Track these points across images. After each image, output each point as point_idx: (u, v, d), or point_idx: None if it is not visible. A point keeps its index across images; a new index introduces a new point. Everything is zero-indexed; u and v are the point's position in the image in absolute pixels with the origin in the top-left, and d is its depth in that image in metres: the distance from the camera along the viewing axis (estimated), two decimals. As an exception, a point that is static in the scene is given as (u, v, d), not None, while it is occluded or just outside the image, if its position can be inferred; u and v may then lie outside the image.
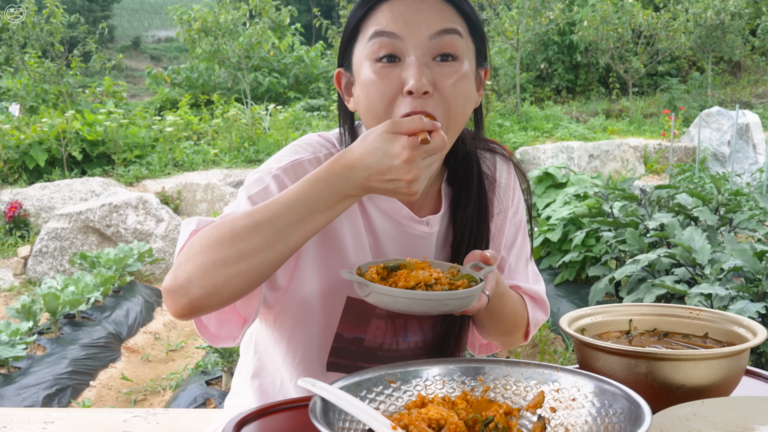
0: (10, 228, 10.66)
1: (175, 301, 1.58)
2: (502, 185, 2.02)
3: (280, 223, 1.54)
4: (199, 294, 1.56)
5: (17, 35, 15.24)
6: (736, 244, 5.40)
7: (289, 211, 1.54)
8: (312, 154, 1.83)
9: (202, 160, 13.13)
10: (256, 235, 1.54)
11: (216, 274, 1.55)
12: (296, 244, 1.57)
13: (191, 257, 1.58)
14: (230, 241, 1.55)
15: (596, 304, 6.27)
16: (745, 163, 14.16)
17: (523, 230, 2.09)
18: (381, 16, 1.69)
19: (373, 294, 1.56)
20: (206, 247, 1.57)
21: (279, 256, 1.56)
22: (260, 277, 1.58)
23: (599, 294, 6.10)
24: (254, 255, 1.54)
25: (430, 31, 1.67)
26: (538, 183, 9.00)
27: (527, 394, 1.56)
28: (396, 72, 1.67)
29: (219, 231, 1.57)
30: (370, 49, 1.69)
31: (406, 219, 1.88)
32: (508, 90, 19.80)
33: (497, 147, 2.06)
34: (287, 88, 19.70)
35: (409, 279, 1.58)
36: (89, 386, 6.05)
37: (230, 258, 1.54)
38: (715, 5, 18.80)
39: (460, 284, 1.60)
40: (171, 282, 1.59)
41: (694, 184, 11.00)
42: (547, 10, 16.77)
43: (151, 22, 55.65)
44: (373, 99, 1.69)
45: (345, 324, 1.87)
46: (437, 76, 1.68)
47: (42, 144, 12.61)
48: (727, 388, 1.58)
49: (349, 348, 1.89)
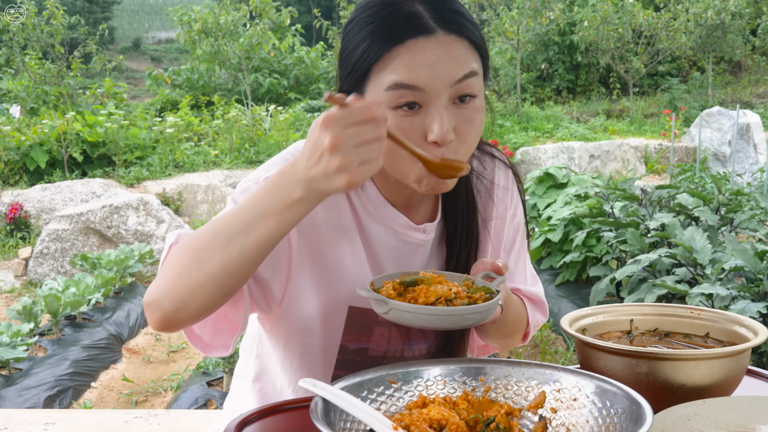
0: (11, 229, 10.66)
1: (150, 315, 1.59)
2: (500, 188, 2.02)
3: (233, 230, 1.51)
4: (169, 308, 1.56)
5: (18, 37, 15.24)
6: (737, 244, 5.40)
7: (240, 216, 1.51)
8: None
9: (202, 161, 13.13)
10: (213, 245, 1.52)
11: (181, 287, 1.54)
12: (251, 254, 1.51)
13: (163, 272, 1.58)
14: (192, 252, 1.54)
15: (597, 305, 6.28)
16: (745, 162, 14.16)
17: (522, 233, 2.08)
18: (401, 66, 1.62)
19: (393, 311, 1.55)
20: (174, 261, 1.57)
21: (236, 266, 1.52)
22: (223, 290, 1.55)
23: (600, 294, 6.10)
24: (212, 265, 1.52)
25: (452, 80, 1.63)
26: (538, 183, 9.00)
27: (528, 395, 1.56)
28: (418, 121, 1.64)
29: (185, 242, 1.57)
30: (389, 98, 1.63)
31: (403, 227, 1.86)
32: (508, 90, 19.79)
33: (495, 150, 2.05)
34: (288, 89, 19.71)
35: (429, 294, 1.57)
36: (90, 387, 6.05)
37: (192, 269, 1.53)
38: (715, 5, 18.80)
39: (477, 297, 1.60)
40: (146, 296, 1.59)
41: (695, 184, 11.00)
42: (548, 11, 16.78)
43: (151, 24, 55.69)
44: (396, 152, 1.64)
45: (348, 335, 1.86)
46: (458, 120, 1.66)
47: (43, 145, 12.61)
48: (729, 387, 1.58)
49: (354, 359, 1.88)
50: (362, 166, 1.42)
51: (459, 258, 1.92)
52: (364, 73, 1.66)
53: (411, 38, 1.62)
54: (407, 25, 1.63)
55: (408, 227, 1.87)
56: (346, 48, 1.71)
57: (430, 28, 1.63)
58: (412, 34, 1.62)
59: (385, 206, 1.85)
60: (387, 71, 1.63)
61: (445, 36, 1.64)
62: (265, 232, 1.49)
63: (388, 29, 1.63)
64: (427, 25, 1.63)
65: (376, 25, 1.65)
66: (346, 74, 1.71)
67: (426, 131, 1.64)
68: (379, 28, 1.65)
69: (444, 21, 1.65)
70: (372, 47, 1.64)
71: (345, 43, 1.72)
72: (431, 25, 1.64)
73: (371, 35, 1.65)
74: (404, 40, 1.62)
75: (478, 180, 1.99)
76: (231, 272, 1.52)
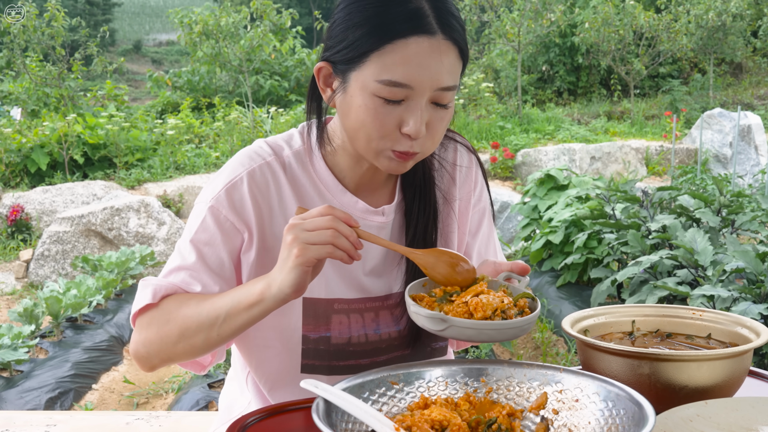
0: (12, 231, 10.66)
1: (141, 364, 1.85)
2: (463, 169, 2.06)
3: (211, 317, 1.73)
4: (158, 362, 1.83)
5: (19, 39, 15.23)
6: (738, 246, 5.39)
7: (220, 304, 1.72)
8: (248, 167, 1.87)
9: (203, 164, 13.13)
10: (197, 324, 1.74)
11: (167, 349, 1.79)
12: (228, 335, 1.74)
13: (149, 333, 1.81)
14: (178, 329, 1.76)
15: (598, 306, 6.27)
16: (746, 164, 14.16)
17: (488, 218, 2.13)
18: (399, 63, 1.67)
19: (452, 328, 1.56)
20: (160, 329, 1.78)
21: (216, 339, 1.75)
22: (206, 351, 1.79)
23: (601, 296, 6.09)
24: (195, 341, 1.76)
25: (438, 85, 1.69)
26: (539, 185, 8.99)
27: (530, 395, 1.56)
28: (397, 111, 1.70)
29: (169, 312, 1.79)
30: (377, 88, 1.68)
31: (362, 212, 1.91)
32: (509, 92, 19.78)
33: (457, 136, 2.10)
34: (288, 91, 19.69)
35: (485, 308, 1.58)
36: (92, 389, 6.05)
37: (177, 339, 1.77)
38: (716, 7, 18.79)
39: (523, 305, 1.64)
40: (134, 350, 1.84)
41: (696, 185, 11.00)
42: (549, 12, 16.76)
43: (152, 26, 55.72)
44: (369, 130, 1.72)
45: (308, 325, 1.90)
46: (432, 117, 1.73)
47: (44, 147, 12.61)
48: (731, 388, 1.58)
49: (318, 348, 1.91)
50: (312, 244, 1.59)
51: (417, 228, 1.96)
52: (360, 56, 1.70)
53: (414, 35, 1.66)
54: (412, 21, 1.67)
55: (367, 211, 1.92)
56: (344, 22, 1.74)
57: (432, 29, 1.67)
58: (416, 32, 1.66)
59: (344, 193, 1.91)
60: (384, 64, 1.67)
61: (443, 40, 1.69)
62: (237, 323, 1.71)
63: (393, 21, 1.67)
64: (431, 26, 1.67)
65: (381, 12, 1.68)
66: (340, 48, 1.74)
67: (402, 122, 1.70)
68: (383, 16, 1.68)
69: (445, 24, 1.69)
70: (373, 34, 1.68)
71: (344, 14, 1.74)
72: (434, 26, 1.68)
73: (374, 21, 1.69)
74: (407, 36, 1.66)
75: (440, 163, 2.03)
76: (213, 346, 1.78)
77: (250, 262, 1.85)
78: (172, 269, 1.84)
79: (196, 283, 1.81)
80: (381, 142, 1.72)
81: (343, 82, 1.74)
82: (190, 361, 1.88)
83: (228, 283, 1.84)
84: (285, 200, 1.88)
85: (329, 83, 1.80)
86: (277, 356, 1.93)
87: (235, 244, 1.85)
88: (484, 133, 15.12)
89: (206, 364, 1.92)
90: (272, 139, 1.94)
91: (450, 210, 2.03)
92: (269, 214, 1.86)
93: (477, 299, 1.59)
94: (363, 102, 1.70)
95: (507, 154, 13.66)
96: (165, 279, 1.83)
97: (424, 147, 1.75)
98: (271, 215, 1.86)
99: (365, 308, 1.92)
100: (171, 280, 1.82)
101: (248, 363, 1.99)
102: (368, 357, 1.94)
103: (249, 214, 1.84)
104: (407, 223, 1.97)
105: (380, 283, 1.95)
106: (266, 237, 1.86)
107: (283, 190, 1.88)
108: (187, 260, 1.83)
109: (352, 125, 1.74)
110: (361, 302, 1.92)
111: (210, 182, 1.89)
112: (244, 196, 1.84)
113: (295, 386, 1.88)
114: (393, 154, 1.74)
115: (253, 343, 1.94)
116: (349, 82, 1.72)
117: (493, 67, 20.93)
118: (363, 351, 1.94)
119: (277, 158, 1.89)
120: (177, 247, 1.87)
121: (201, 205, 1.86)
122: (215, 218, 1.83)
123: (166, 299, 1.80)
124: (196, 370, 1.93)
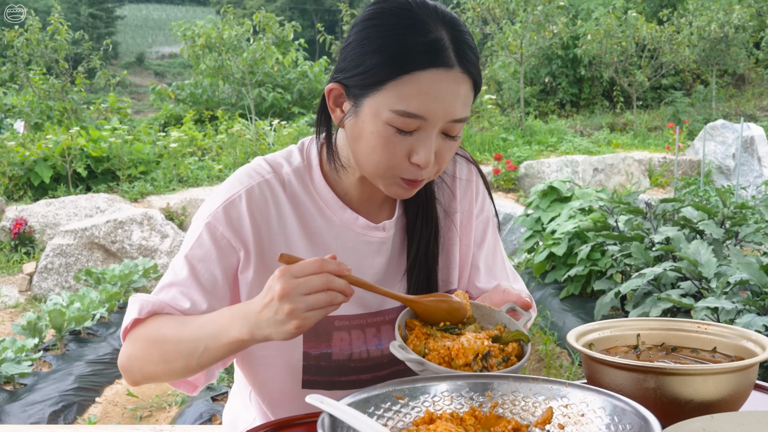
0: (15, 244, 10.67)
1: (125, 377, 1.86)
2: (462, 181, 2.06)
3: (191, 345, 1.71)
4: (140, 378, 1.84)
5: (22, 52, 15.27)
6: (742, 258, 5.39)
7: (199, 335, 1.70)
8: (247, 185, 1.87)
9: (206, 176, 13.14)
10: (176, 350, 1.73)
11: (149, 368, 1.79)
12: (207, 363, 1.74)
13: (133, 349, 1.81)
14: (159, 349, 1.76)
15: (602, 318, 6.27)
16: (750, 176, 14.15)
17: (493, 228, 2.12)
18: (416, 94, 1.66)
19: (428, 372, 1.59)
20: (142, 347, 1.79)
21: (195, 367, 1.75)
22: (187, 375, 1.79)
23: (605, 308, 6.09)
24: (176, 364, 1.75)
25: (451, 117, 1.69)
26: (542, 197, 8.99)
27: (536, 410, 1.55)
28: (408, 141, 1.70)
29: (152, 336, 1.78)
30: (391, 118, 1.67)
31: (362, 228, 1.91)
32: (512, 104, 19.81)
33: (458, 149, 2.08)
34: (291, 104, 19.71)
35: (466, 353, 1.60)
36: (95, 402, 6.04)
37: (159, 361, 1.77)
38: (719, 18, 18.82)
39: (510, 351, 1.64)
40: (120, 363, 1.85)
41: (699, 197, 10.99)
42: (551, 24, 16.79)
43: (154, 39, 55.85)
44: (379, 157, 1.72)
45: (309, 342, 1.89)
46: (440, 148, 1.74)
47: (47, 160, 12.62)
48: (736, 402, 1.57)
49: (319, 364, 1.90)
50: (310, 311, 1.54)
51: (419, 245, 1.96)
52: (376, 84, 1.68)
53: (432, 68, 1.65)
54: (431, 54, 1.66)
55: (367, 227, 1.92)
56: (361, 46, 1.72)
57: (451, 62, 1.67)
58: (434, 65, 1.65)
59: (344, 210, 1.90)
60: (401, 95, 1.66)
61: (460, 73, 1.68)
62: (216, 354, 1.70)
63: (412, 52, 1.65)
64: (449, 59, 1.67)
65: (400, 41, 1.67)
66: (355, 72, 1.72)
67: (412, 152, 1.70)
68: (402, 46, 1.66)
69: (463, 56, 1.69)
70: (391, 63, 1.66)
71: (361, 38, 1.73)
72: (452, 59, 1.67)
73: (393, 49, 1.67)
74: (425, 68, 1.65)
75: (439, 176, 2.03)
76: (192, 371, 1.77)
77: (249, 282, 1.84)
78: (163, 286, 1.85)
79: (185, 299, 1.81)
80: (389, 169, 1.73)
81: (356, 107, 1.73)
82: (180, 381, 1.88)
83: (220, 302, 1.83)
84: (284, 218, 1.87)
85: (339, 104, 1.79)
86: (278, 374, 1.92)
87: (230, 262, 1.84)
88: (487, 145, 15.13)
89: (198, 384, 1.91)
90: (271, 157, 1.94)
91: (451, 224, 2.02)
92: (268, 232, 1.86)
93: (459, 344, 1.60)
94: (375, 129, 1.69)
95: (510, 166, 13.66)
96: (155, 296, 1.83)
97: (430, 174, 1.76)
98: (270, 233, 1.86)
99: (367, 323, 1.92)
100: (160, 297, 1.83)
101: (250, 382, 1.99)
102: (370, 372, 1.94)
103: (246, 232, 1.83)
104: (409, 240, 1.96)
105: (381, 298, 1.94)
106: (265, 255, 1.85)
107: (283, 208, 1.87)
108: (178, 276, 1.83)
109: (362, 150, 1.74)
110: (362, 318, 1.92)
111: (208, 200, 1.89)
112: (242, 214, 1.83)
113: (296, 403, 1.87)
114: (401, 182, 1.75)
115: (255, 362, 1.94)
116: (362, 107, 1.71)
117: (496, 79, 20.97)
118: (364, 366, 1.93)
119: (276, 176, 1.89)
120: (171, 264, 1.87)
121: (198, 222, 1.86)
122: (211, 235, 1.82)
123: (152, 318, 1.80)
124: (188, 390, 1.92)
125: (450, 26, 1.70)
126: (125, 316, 1.83)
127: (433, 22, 1.68)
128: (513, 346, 1.63)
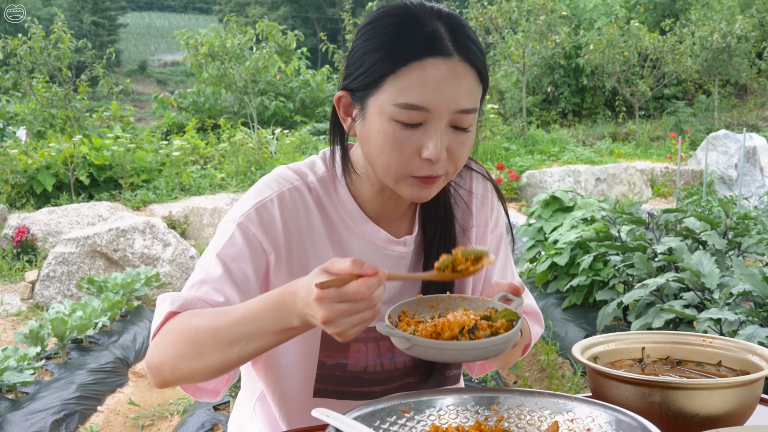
0: (17, 252, 10.67)
1: (153, 377, 1.76)
2: (478, 197, 2.05)
3: (233, 336, 1.62)
4: (171, 378, 1.73)
5: (25, 60, 15.28)
6: (745, 269, 5.38)
7: (242, 327, 1.62)
8: (277, 190, 1.85)
9: (209, 185, 13.14)
10: (214, 344, 1.64)
11: (182, 366, 1.70)
12: (249, 357, 1.65)
13: (165, 344, 1.72)
14: (193, 343, 1.67)
15: (604, 329, 6.27)
16: (752, 186, 14.15)
17: (505, 244, 2.12)
18: (415, 85, 1.66)
19: (416, 347, 1.54)
20: (175, 341, 1.70)
21: (235, 363, 1.67)
22: (222, 372, 1.70)
23: (607, 318, 6.08)
24: (212, 359, 1.66)
25: (456, 108, 1.68)
26: (545, 207, 8.99)
27: (541, 424, 1.55)
28: (416, 136, 1.69)
29: (186, 327, 1.69)
30: (395, 112, 1.67)
31: (384, 242, 1.91)
32: (514, 113, 19.83)
33: (473, 163, 2.09)
34: (294, 112, 19.74)
35: (452, 327, 1.57)
36: (97, 411, 6.04)
37: (193, 356, 1.67)
38: (721, 28, 18.82)
39: (499, 326, 1.60)
40: (149, 361, 1.75)
41: (702, 207, 10.98)
42: (553, 34, 16.80)
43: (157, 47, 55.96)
44: (388, 156, 1.71)
45: (325, 351, 1.89)
46: (452, 143, 1.72)
47: (49, 168, 12.63)
48: (742, 417, 1.57)
49: (334, 374, 1.91)
50: (354, 328, 1.50)
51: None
52: (376, 80, 1.70)
53: (429, 57, 1.66)
54: (427, 43, 1.67)
55: (389, 241, 1.91)
56: (362, 48, 1.74)
57: (449, 51, 1.67)
58: (431, 53, 1.66)
59: (366, 222, 1.90)
60: (401, 87, 1.67)
61: (460, 62, 1.68)
62: (263, 345, 1.62)
63: (409, 44, 1.67)
64: (447, 48, 1.67)
65: (397, 36, 1.68)
66: (357, 74, 1.74)
67: (421, 147, 1.69)
68: (399, 40, 1.68)
69: (462, 46, 1.69)
70: (390, 57, 1.68)
71: (362, 42, 1.75)
72: (450, 48, 1.67)
73: (390, 45, 1.69)
74: (423, 58, 1.66)
75: (456, 190, 2.03)
76: (230, 366, 1.68)
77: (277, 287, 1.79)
78: (194, 283, 1.79)
79: (219, 295, 1.76)
80: (401, 168, 1.72)
81: (362, 109, 1.74)
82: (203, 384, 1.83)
83: None
84: (313, 225, 1.87)
85: (349, 112, 1.80)
86: (293, 380, 1.92)
87: (260, 263, 1.82)
88: (489, 155, 15.13)
89: (220, 389, 1.86)
90: (294, 166, 1.93)
91: (467, 240, 2.03)
92: (298, 237, 1.85)
93: (444, 319, 1.58)
94: (381, 127, 1.70)
95: (512, 175, 13.67)
96: (187, 292, 1.79)
97: (446, 170, 1.74)
98: (300, 239, 1.85)
99: (381, 336, 1.92)
100: (193, 293, 1.77)
101: (265, 385, 1.98)
102: (382, 384, 1.94)
103: (278, 236, 1.82)
104: (426, 256, 1.96)
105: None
106: (293, 260, 1.85)
107: (312, 215, 1.87)
108: (211, 273, 1.79)
109: (372, 151, 1.74)
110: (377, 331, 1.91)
111: (236, 205, 1.88)
112: (275, 217, 1.82)
113: (306, 410, 1.87)
114: (414, 180, 1.73)
115: (274, 367, 1.93)
116: (367, 108, 1.72)
117: (498, 89, 20.98)
118: (377, 379, 1.93)
119: (303, 183, 1.89)
120: (199, 264, 1.83)
121: (228, 223, 1.83)
122: (244, 234, 1.80)
123: (185, 313, 1.73)
124: (209, 398, 1.87)
125: (447, 19, 1.71)
126: (155, 315, 1.78)
127: (429, 17, 1.70)
128: (502, 323, 1.60)
